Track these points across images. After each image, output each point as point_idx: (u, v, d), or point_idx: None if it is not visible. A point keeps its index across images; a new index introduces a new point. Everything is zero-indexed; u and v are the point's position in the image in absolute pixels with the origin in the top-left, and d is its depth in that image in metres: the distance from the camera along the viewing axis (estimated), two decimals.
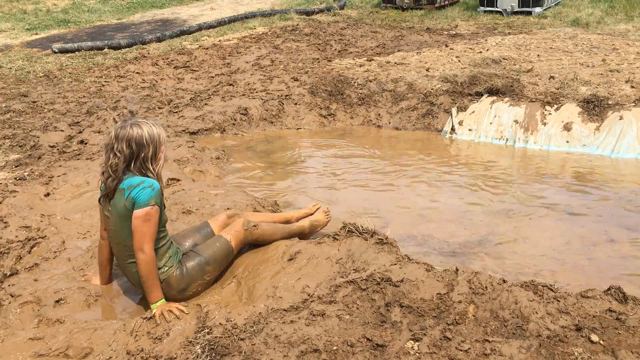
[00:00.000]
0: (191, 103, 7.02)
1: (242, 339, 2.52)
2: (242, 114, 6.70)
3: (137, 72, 8.58)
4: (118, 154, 2.84)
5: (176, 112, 6.72)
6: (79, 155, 5.35)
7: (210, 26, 12.05)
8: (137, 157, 2.86)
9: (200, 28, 11.86)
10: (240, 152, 5.86)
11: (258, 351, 2.45)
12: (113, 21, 13.65)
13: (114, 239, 2.99)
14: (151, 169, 2.91)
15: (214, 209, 3.85)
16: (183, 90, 7.61)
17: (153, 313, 2.76)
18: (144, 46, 10.54)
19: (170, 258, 2.98)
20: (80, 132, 6.02)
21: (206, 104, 6.99)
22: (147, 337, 2.63)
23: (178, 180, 4.48)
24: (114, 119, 6.32)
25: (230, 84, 7.77)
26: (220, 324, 2.65)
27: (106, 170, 2.90)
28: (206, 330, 2.60)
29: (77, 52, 10.00)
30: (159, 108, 6.88)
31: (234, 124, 6.54)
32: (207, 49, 10.01)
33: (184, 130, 6.16)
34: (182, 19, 13.53)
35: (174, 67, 8.84)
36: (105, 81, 8.07)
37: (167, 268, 2.95)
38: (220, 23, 12.29)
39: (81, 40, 11.18)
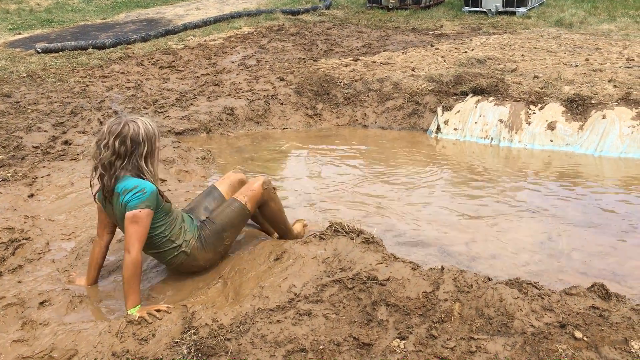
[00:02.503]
0: (177, 103, 6.98)
1: (228, 339, 2.52)
2: (228, 114, 6.68)
3: (122, 72, 8.53)
4: (108, 149, 2.77)
5: (162, 112, 6.68)
6: (63, 156, 5.31)
7: (195, 26, 12.01)
8: (131, 154, 2.80)
9: (185, 28, 11.82)
10: (227, 152, 5.84)
11: (244, 351, 2.45)
12: (97, 21, 13.55)
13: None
14: (147, 168, 2.86)
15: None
16: (168, 91, 7.57)
17: (133, 317, 2.70)
18: (128, 46, 10.47)
19: (187, 232, 3.03)
20: (64, 132, 5.97)
21: (192, 104, 6.96)
22: (132, 339, 2.62)
23: (164, 180, 4.46)
24: (98, 119, 6.28)
25: (216, 84, 7.75)
26: (206, 324, 2.64)
27: (98, 166, 2.83)
28: (192, 331, 2.59)
29: (60, 52, 9.91)
30: (144, 108, 6.84)
31: (220, 124, 6.52)
32: (192, 48, 9.98)
33: (169, 131, 6.13)
34: (167, 18, 13.47)
35: (159, 67, 8.80)
36: (89, 81, 8.01)
37: (187, 243, 3.01)
38: (206, 23, 12.25)
39: (65, 40, 11.08)
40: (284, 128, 6.74)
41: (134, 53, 9.84)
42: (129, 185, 2.79)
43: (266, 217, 3.42)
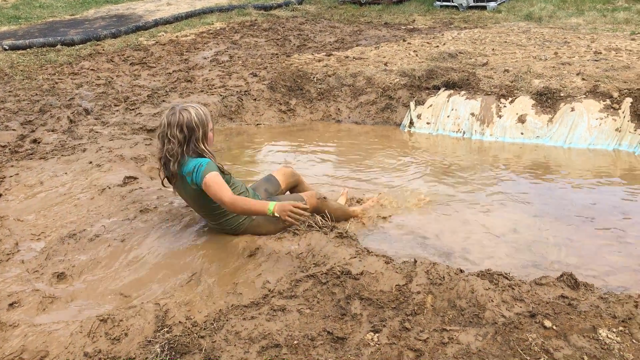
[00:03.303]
0: (148, 100, 6.91)
1: (202, 337, 2.50)
2: None
3: (92, 69, 8.40)
4: (172, 139, 3.10)
5: (133, 109, 6.60)
6: (31, 154, 5.21)
7: (166, 22, 11.88)
8: (189, 140, 3.12)
9: (156, 24, 11.69)
10: None
11: (219, 348, 2.44)
12: (66, 17, 13.31)
13: (197, 211, 3.43)
14: (205, 148, 3.18)
15: (172, 206, 3.81)
16: (140, 87, 7.48)
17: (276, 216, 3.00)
18: (98, 42, 10.32)
19: None
20: (33, 131, 5.86)
21: (164, 100, 6.89)
22: (105, 338, 2.59)
23: (135, 178, 4.41)
24: (68, 117, 6.18)
25: (188, 80, 7.68)
26: (179, 322, 2.63)
27: (164, 156, 3.16)
28: (165, 329, 2.57)
29: (28, 49, 9.72)
30: (115, 105, 6.75)
31: None
32: (164, 44, 9.87)
33: (141, 128, 6.05)
34: (137, 14, 13.30)
35: (130, 64, 8.69)
36: (58, 78, 7.87)
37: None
38: (177, 18, 12.13)
39: (33, 36, 10.87)
40: (257, 124, 6.71)
41: (104, 49, 9.69)
42: (190, 167, 3.13)
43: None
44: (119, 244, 3.47)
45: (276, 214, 2.98)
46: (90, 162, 4.80)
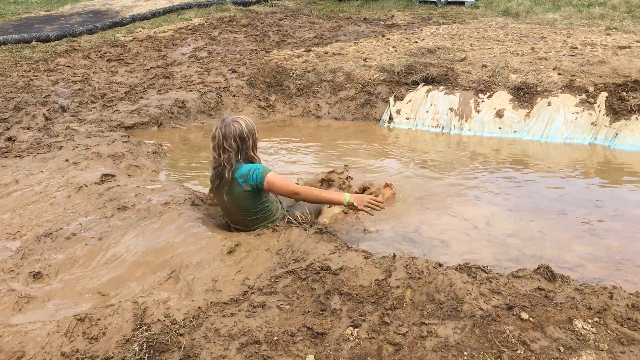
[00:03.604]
0: (126, 97, 6.84)
1: (181, 334, 2.49)
2: (179, 107, 6.58)
3: (68, 66, 8.28)
4: (229, 149, 3.35)
5: (110, 106, 6.53)
6: (6, 153, 5.13)
7: (144, 17, 11.77)
8: (241, 148, 3.39)
9: (134, 19, 11.57)
10: (178, 145, 5.76)
11: (198, 346, 2.43)
12: (41, 13, 13.11)
13: (235, 216, 3.52)
14: (255, 155, 3.45)
15: (150, 203, 3.77)
16: (117, 84, 7.40)
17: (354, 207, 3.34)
18: (74, 38, 10.18)
19: (279, 210, 3.60)
20: (8, 129, 5.77)
21: (142, 97, 6.82)
22: (82, 338, 2.56)
23: (113, 176, 4.36)
24: (44, 114, 6.09)
25: (167, 77, 7.61)
26: (158, 320, 2.61)
27: (221, 164, 3.39)
28: (144, 328, 2.55)
29: (2, 46, 9.55)
30: (92, 102, 6.67)
31: (171, 117, 6.42)
32: (141, 41, 9.77)
33: (119, 125, 5.99)
34: (114, 10, 13.14)
35: (107, 60, 8.59)
36: (33, 75, 7.76)
37: (275, 217, 3.50)
38: (155, 14, 12.02)
39: (7, 33, 10.68)
40: None
41: (80, 46, 9.57)
42: (244, 171, 3.37)
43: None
44: (96, 242, 3.43)
45: (353, 203, 3.34)
46: (67, 160, 4.74)
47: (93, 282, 3.10)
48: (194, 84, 7.25)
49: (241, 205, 3.44)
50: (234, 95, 6.98)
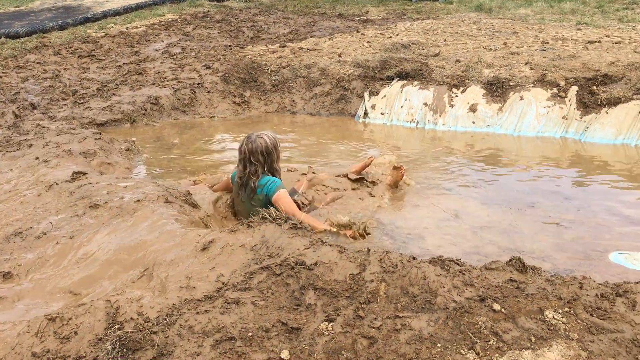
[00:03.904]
0: (98, 93, 6.74)
1: (154, 332, 2.46)
2: (152, 103, 6.51)
3: (38, 62, 8.13)
4: (255, 163, 3.70)
5: (82, 103, 6.43)
6: None
7: (116, 13, 11.61)
8: (267, 161, 3.74)
9: (105, 15, 11.40)
10: (152, 142, 5.70)
11: (172, 343, 2.41)
12: (10, 9, 12.84)
13: (244, 214, 3.81)
14: (277, 168, 3.81)
15: (123, 201, 3.73)
16: (89, 80, 7.29)
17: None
18: (45, 35, 10.00)
19: None
20: None
21: (114, 94, 6.73)
22: (53, 338, 2.52)
23: (84, 173, 4.30)
24: (13, 112, 5.97)
25: (140, 73, 7.52)
26: (131, 318, 2.57)
27: (247, 176, 3.74)
28: (117, 326, 2.51)
29: None
30: (63, 99, 6.56)
31: (144, 114, 6.35)
32: (113, 37, 9.64)
33: (91, 122, 5.91)
34: (85, 5, 12.94)
35: (79, 57, 8.45)
36: (2, 72, 7.60)
37: None
38: (127, 10, 11.86)
39: None
40: (211, 116, 6.63)
41: (50, 42, 9.40)
42: (263, 182, 3.72)
43: None
44: (67, 241, 3.37)
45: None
46: (37, 158, 4.66)
47: (64, 281, 3.05)
48: (167, 80, 7.17)
49: (253, 209, 3.74)
50: (209, 92, 6.93)
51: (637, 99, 5.63)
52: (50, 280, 3.08)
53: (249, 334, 2.44)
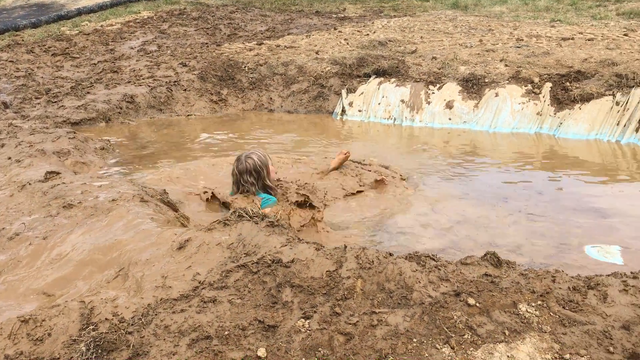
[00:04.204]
0: (72, 92, 6.65)
1: (130, 333, 2.44)
2: (128, 101, 6.44)
3: (11, 61, 7.99)
4: (246, 184, 3.92)
5: (55, 101, 6.34)
6: None
7: (91, 10, 11.46)
8: (258, 179, 3.94)
9: (80, 12, 11.26)
10: (128, 141, 5.64)
11: (147, 343, 2.39)
12: None
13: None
14: (270, 184, 3.99)
15: (97, 201, 3.69)
16: (62, 79, 7.18)
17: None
18: (17, 32, 9.84)
19: None
20: None
21: (88, 92, 6.65)
22: (27, 339, 2.48)
23: (58, 173, 4.24)
24: None
25: (115, 71, 7.44)
26: (106, 319, 2.55)
27: (242, 192, 3.96)
28: (91, 327, 2.49)
29: None
30: (36, 98, 6.46)
31: (119, 113, 6.28)
32: (88, 34, 9.51)
33: (65, 121, 5.83)
34: (59, 3, 12.74)
35: (52, 55, 8.33)
36: None
37: None
38: (102, 7, 11.72)
39: None
40: (188, 115, 6.59)
41: (23, 40, 9.24)
42: (262, 196, 3.97)
43: None
44: (41, 241, 3.33)
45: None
46: (9, 158, 4.58)
47: (38, 282, 3.01)
48: (143, 79, 7.10)
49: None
50: (185, 90, 6.88)
51: (609, 95, 5.73)
52: (23, 281, 3.03)
53: (226, 333, 2.43)
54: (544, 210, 4.01)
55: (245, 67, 7.33)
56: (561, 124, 5.70)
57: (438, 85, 6.42)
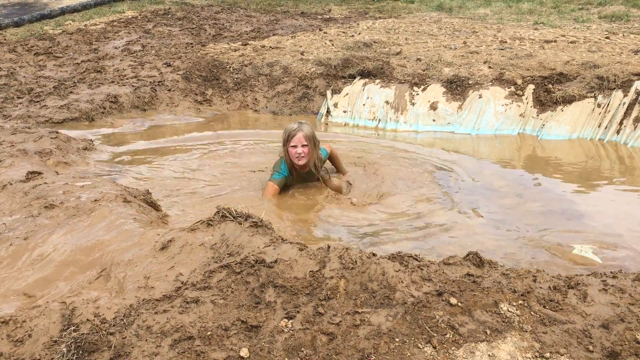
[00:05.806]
0: (55, 91, 6.59)
1: (111, 333, 2.42)
2: (111, 101, 6.39)
3: None
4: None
5: (38, 101, 6.28)
6: None
7: (74, 10, 11.36)
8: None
9: (63, 12, 11.15)
10: (111, 141, 5.60)
11: (129, 344, 2.37)
12: None
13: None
14: (284, 154, 4.30)
15: (80, 201, 3.66)
16: (45, 78, 7.12)
17: None
18: None
19: None
20: None
21: (72, 92, 6.59)
22: (7, 341, 2.45)
23: (40, 173, 4.19)
24: None
25: (98, 71, 7.38)
26: (87, 320, 2.53)
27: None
28: (72, 328, 2.47)
29: None
30: (18, 98, 6.40)
31: (103, 113, 6.23)
32: (71, 34, 9.43)
33: (47, 121, 5.77)
34: (42, 1, 12.62)
35: (35, 54, 8.25)
36: None
37: None
38: (86, 6, 11.62)
39: None
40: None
41: (5, 39, 9.14)
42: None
43: None
44: (21, 242, 3.29)
45: None
46: None
47: (18, 283, 2.98)
48: (127, 78, 7.06)
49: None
50: (170, 90, 6.85)
51: (590, 97, 5.80)
52: (3, 282, 3.00)
53: (208, 333, 2.43)
54: (525, 209, 4.05)
55: (230, 67, 7.31)
56: (544, 125, 5.76)
57: (422, 87, 6.45)
